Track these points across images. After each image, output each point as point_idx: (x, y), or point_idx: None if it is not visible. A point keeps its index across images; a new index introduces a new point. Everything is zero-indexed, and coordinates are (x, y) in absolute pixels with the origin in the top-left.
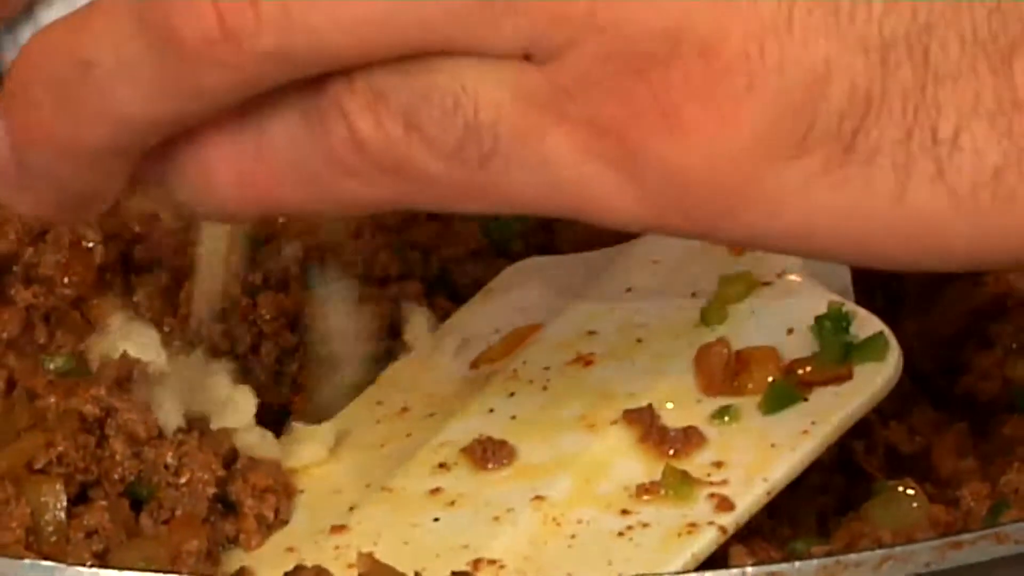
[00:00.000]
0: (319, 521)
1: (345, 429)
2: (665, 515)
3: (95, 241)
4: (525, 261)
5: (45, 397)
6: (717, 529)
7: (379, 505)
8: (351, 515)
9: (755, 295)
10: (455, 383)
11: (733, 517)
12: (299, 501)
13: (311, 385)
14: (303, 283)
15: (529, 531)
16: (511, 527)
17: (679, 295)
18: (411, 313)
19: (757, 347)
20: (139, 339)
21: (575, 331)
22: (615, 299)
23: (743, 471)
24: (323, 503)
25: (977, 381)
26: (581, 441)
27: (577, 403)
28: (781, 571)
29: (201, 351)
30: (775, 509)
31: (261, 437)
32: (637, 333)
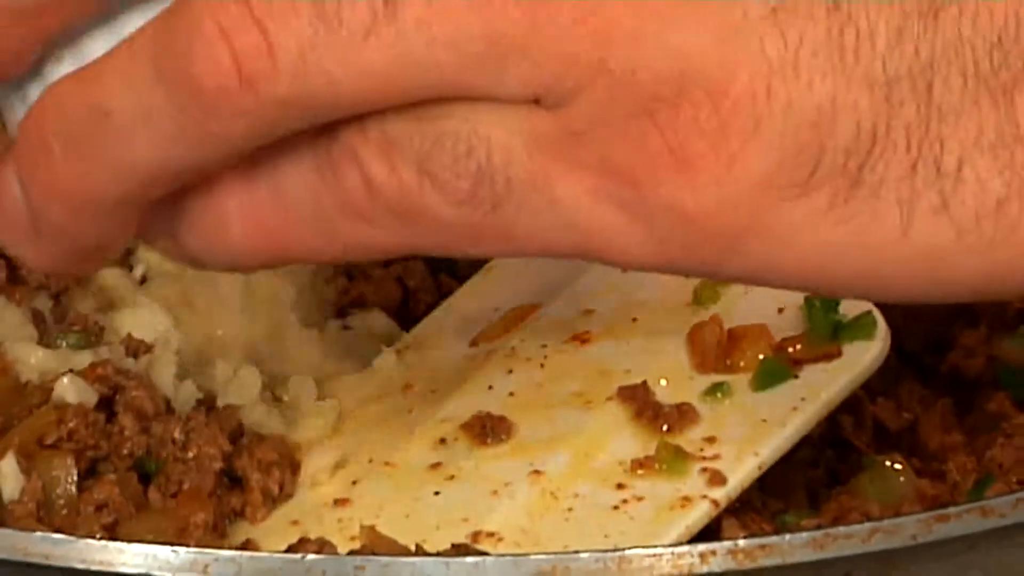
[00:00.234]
0: (323, 495)
1: (348, 405)
2: (659, 489)
3: None
4: None
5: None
6: (710, 502)
7: (381, 479)
8: (354, 488)
9: None
10: (455, 361)
11: (725, 491)
12: (303, 475)
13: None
14: None
15: (527, 505)
16: (509, 501)
17: (672, 276)
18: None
19: (748, 326)
20: (149, 318)
21: (572, 310)
22: (611, 279)
23: (735, 446)
24: (327, 477)
25: (963, 358)
26: (578, 417)
27: (574, 380)
28: (772, 543)
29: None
30: (766, 483)
31: (267, 413)
32: (632, 312)
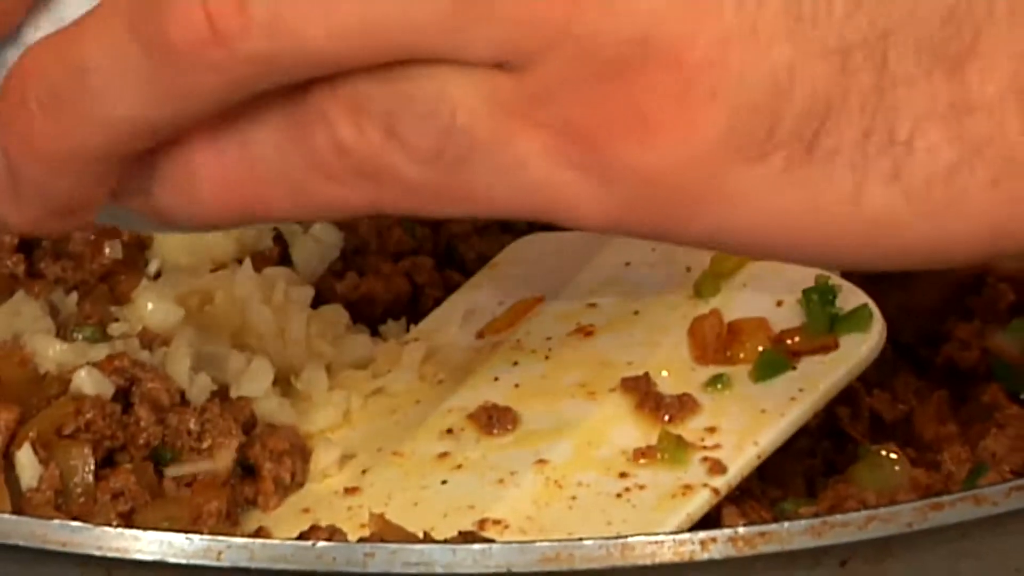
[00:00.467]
0: (333, 484)
1: (358, 397)
2: (661, 478)
3: None
4: (529, 236)
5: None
6: (710, 491)
7: (390, 468)
8: (363, 478)
9: (746, 269)
10: (462, 352)
11: (725, 479)
12: (314, 465)
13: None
14: None
15: (532, 493)
16: (515, 489)
17: (674, 269)
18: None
19: (748, 319)
20: (162, 312)
21: (576, 303)
22: (614, 273)
23: (735, 436)
24: (337, 467)
25: (957, 351)
26: (581, 408)
27: (577, 372)
28: (771, 531)
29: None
30: (765, 472)
31: (279, 404)
32: (634, 305)
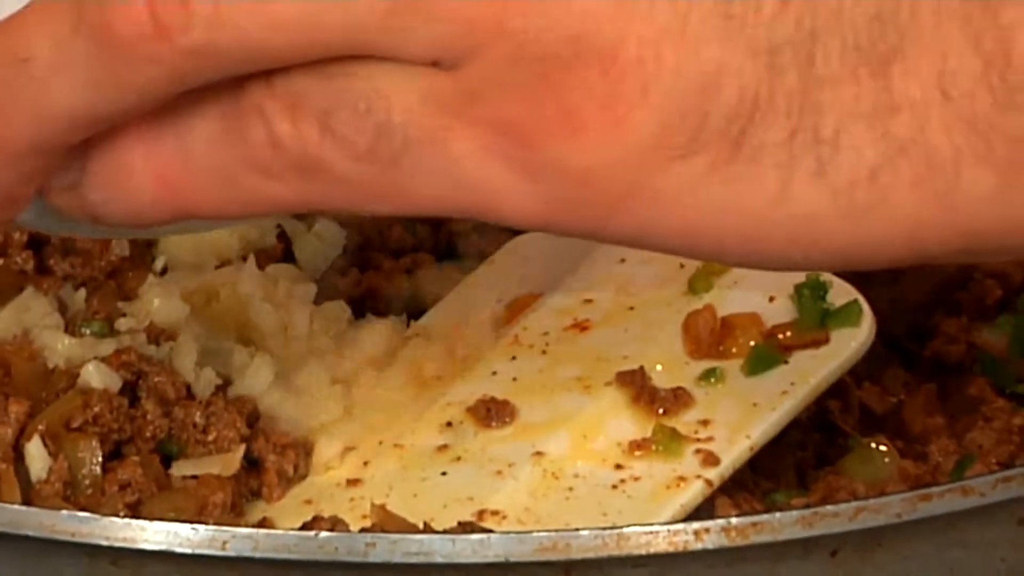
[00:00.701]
0: (335, 476)
1: (359, 391)
2: (655, 469)
3: None
4: (527, 234)
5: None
6: (704, 482)
7: (391, 461)
8: (365, 470)
9: None
10: (461, 347)
11: (718, 471)
12: (316, 457)
13: None
14: None
15: (529, 484)
16: (513, 480)
17: (668, 266)
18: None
19: (741, 314)
20: (168, 308)
21: (572, 299)
22: (609, 270)
23: (728, 428)
24: (339, 459)
25: (944, 345)
26: (578, 401)
27: (574, 366)
28: (763, 521)
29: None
30: (757, 464)
31: (281, 398)
32: (629, 301)
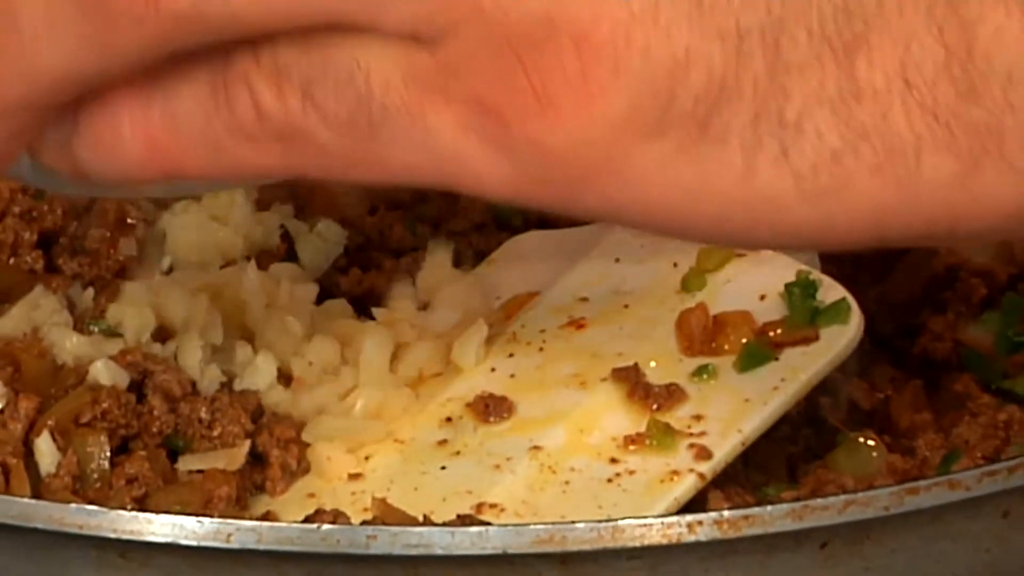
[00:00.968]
0: (337, 470)
1: (361, 387)
2: (650, 463)
3: (137, 218)
4: (525, 234)
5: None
6: (697, 476)
7: (392, 455)
8: (366, 464)
9: (731, 265)
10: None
11: (711, 465)
12: (319, 452)
13: None
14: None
15: (527, 478)
16: (510, 474)
17: (662, 265)
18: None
19: (733, 312)
20: (173, 307)
21: (569, 298)
22: (605, 269)
23: (720, 424)
24: (341, 454)
25: (931, 342)
26: (574, 397)
27: (570, 363)
28: (754, 514)
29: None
30: (749, 458)
31: (284, 394)
32: (624, 299)
